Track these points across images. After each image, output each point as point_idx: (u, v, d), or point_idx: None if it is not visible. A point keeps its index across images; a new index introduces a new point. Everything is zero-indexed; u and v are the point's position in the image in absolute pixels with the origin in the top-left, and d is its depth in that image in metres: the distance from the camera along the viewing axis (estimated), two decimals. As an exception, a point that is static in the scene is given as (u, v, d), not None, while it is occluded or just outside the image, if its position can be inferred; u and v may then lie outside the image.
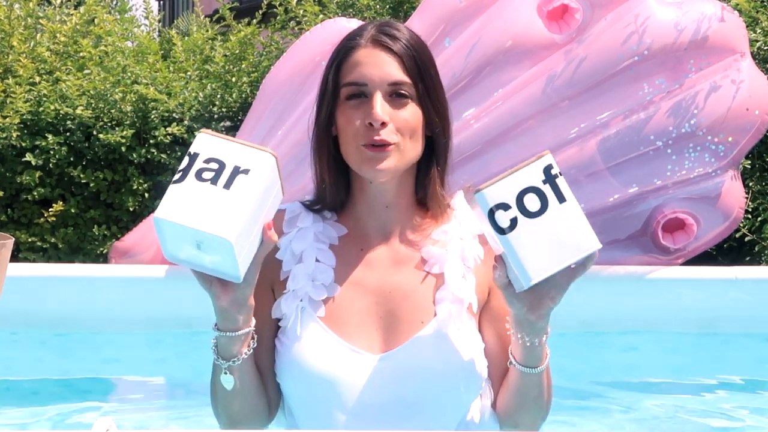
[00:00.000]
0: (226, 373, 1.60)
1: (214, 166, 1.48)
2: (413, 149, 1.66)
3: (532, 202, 1.51)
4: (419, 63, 1.66)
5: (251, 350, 1.61)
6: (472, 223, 1.72)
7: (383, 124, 1.62)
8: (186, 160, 1.49)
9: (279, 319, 1.68)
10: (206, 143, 1.50)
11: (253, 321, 1.60)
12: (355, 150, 1.64)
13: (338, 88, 1.67)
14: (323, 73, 1.71)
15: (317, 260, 1.68)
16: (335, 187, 1.70)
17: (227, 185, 1.46)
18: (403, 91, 1.64)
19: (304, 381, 1.63)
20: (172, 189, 1.47)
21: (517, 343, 1.62)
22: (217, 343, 1.60)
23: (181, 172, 1.48)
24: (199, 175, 1.47)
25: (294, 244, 1.69)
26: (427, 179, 1.71)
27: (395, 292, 1.64)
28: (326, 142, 1.69)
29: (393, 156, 1.63)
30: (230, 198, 1.46)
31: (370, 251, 1.70)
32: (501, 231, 1.51)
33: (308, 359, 1.62)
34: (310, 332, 1.63)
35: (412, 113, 1.65)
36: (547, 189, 1.51)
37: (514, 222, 1.50)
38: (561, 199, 1.51)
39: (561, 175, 1.52)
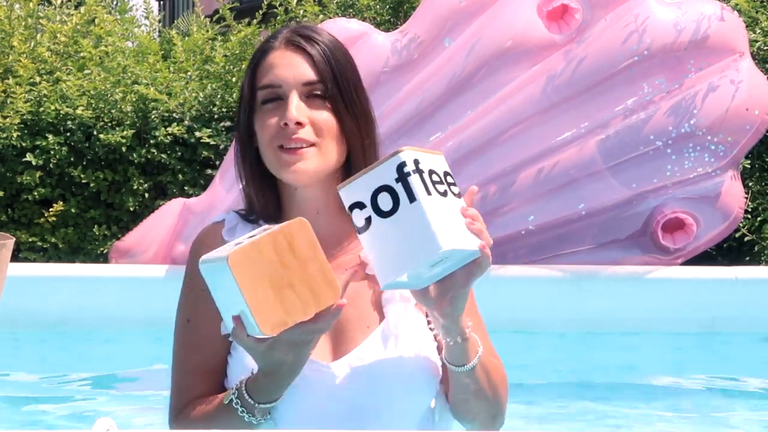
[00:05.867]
0: (267, 416, 1.53)
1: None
2: (335, 151, 1.61)
3: (385, 201, 1.44)
4: (334, 64, 1.61)
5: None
6: None
7: (299, 124, 1.58)
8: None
9: (229, 335, 1.61)
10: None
11: None
12: (272, 153, 1.60)
13: (254, 93, 1.63)
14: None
15: None
16: (262, 197, 1.65)
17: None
18: (319, 91, 1.60)
19: None
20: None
21: (442, 340, 1.57)
22: (256, 390, 1.52)
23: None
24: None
25: None
26: None
27: None
28: (248, 152, 1.65)
29: (311, 158, 1.59)
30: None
31: None
32: (357, 230, 1.46)
33: None
34: None
35: (330, 113, 1.60)
36: (399, 188, 1.44)
37: (368, 221, 1.45)
38: (411, 198, 1.43)
39: (420, 172, 1.44)
